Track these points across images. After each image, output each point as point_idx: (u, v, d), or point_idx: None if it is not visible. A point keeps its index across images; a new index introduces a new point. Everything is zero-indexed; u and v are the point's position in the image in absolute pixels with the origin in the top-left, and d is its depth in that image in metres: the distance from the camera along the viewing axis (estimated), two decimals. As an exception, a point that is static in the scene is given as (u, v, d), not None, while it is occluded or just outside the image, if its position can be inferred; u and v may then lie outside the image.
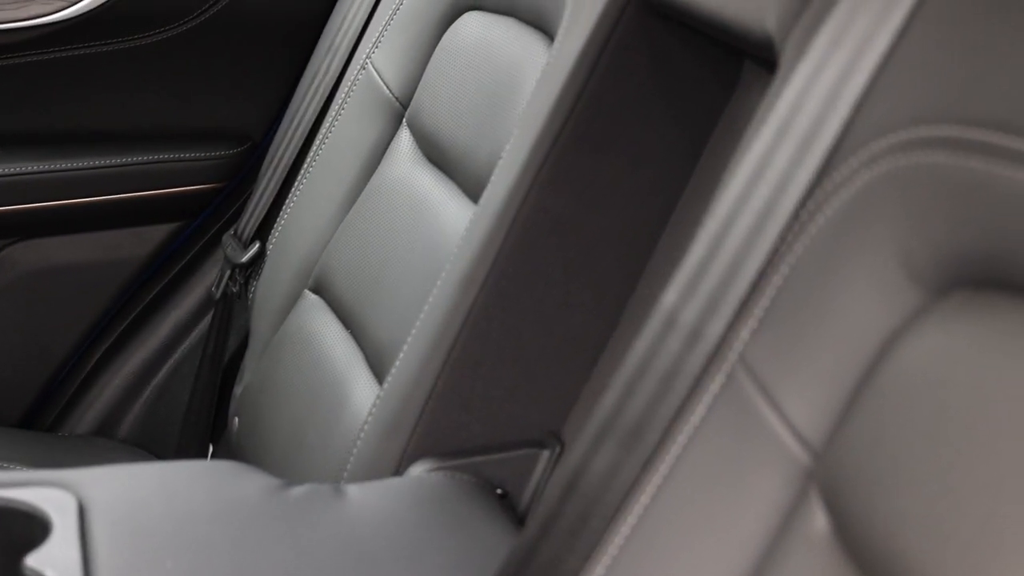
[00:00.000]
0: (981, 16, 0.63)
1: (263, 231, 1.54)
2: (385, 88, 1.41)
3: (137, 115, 1.63)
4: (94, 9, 1.53)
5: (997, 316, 0.58)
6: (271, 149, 1.56)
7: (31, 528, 0.82)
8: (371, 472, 1.08)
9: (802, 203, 0.69)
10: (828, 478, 0.63)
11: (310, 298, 1.39)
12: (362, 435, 1.11)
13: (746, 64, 1.00)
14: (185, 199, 1.65)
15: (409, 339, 1.10)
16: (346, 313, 1.31)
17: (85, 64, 1.57)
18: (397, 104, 1.39)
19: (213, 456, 1.57)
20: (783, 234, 0.69)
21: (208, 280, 1.66)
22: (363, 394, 1.18)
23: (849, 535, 0.60)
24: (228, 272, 1.54)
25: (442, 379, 1.04)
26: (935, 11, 0.66)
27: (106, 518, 0.84)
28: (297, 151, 1.52)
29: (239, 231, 1.56)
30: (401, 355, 1.10)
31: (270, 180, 1.54)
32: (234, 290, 1.53)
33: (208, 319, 1.63)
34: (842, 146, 0.68)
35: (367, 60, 1.46)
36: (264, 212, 1.54)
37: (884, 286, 0.64)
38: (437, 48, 1.35)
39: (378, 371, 1.18)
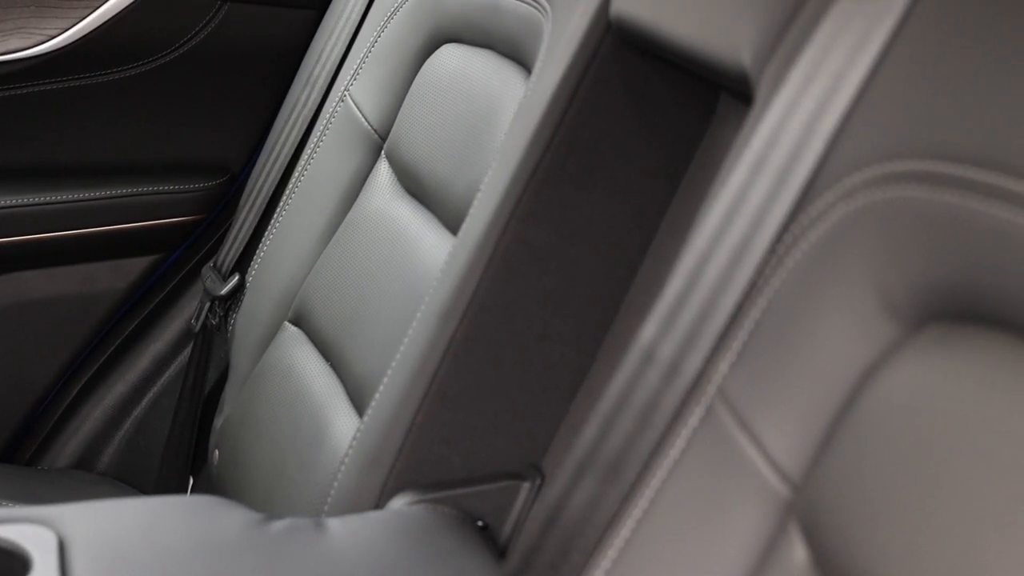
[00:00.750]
0: (954, 52, 0.64)
1: (242, 263, 1.54)
2: (363, 120, 1.41)
3: (115, 148, 1.63)
4: (72, 44, 1.53)
5: (973, 349, 0.59)
6: (250, 181, 1.57)
7: (11, 565, 0.82)
8: (352, 505, 1.07)
9: (778, 237, 0.69)
10: (807, 510, 0.63)
11: (290, 330, 1.39)
12: (343, 468, 1.11)
13: (722, 96, 1.01)
14: (164, 231, 1.65)
15: (389, 372, 1.10)
16: (326, 345, 1.31)
17: (63, 98, 1.57)
18: (376, 136, 1.40)
19: (193, 489, 1.57)
20: (760, 268, 0.70)
21: (187, 312, 1.66)
22: (343, 427, 1.18)
23: (829, 567, 0.61)
24: (208, 304, 1.54)
25: (422, 412, 1.04)
26: (908, 47, 0.67)
27: (86, 554, 0.83)
28: (276, 183, 1.52)
29: (218, 263, 1.56)
30: (381, 388, 1.10)
31: (249, 212, 1.54)
32: (214, 322, 1.53)
33: (188, 352, 1.62)
34: (818, 180, 0.68)
35: (345, 92, 1.46)
36: (243, 244, 1.54)
37: (861, 319, 0.64)
38: (415, 80, 1.35)
39: (358, 404, 1.18)
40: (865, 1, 0.70)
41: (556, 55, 1.06)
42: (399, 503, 1.03)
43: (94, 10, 1.53)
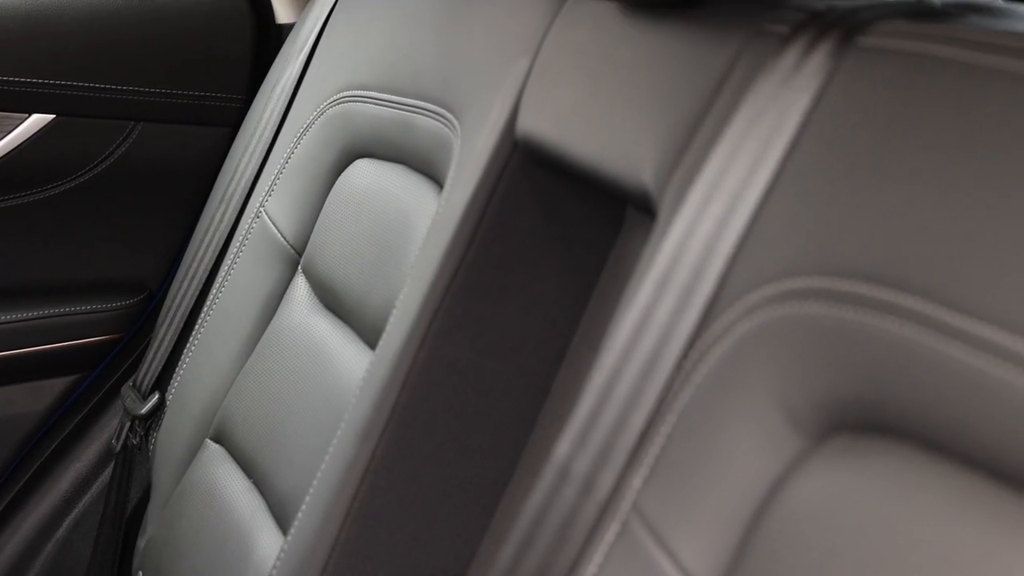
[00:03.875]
0: (843, 172, 0.66)
1: (162, 381, 1.53)
2: (279, 235, 1.42)
3: (31, 270, 1.62)
4: (-14, 168, 1.54)
5: (877, 460, 0.61)
6: (168, 298, 1.57)
7: None
8: (278, 625, 1.07)
9: (685, 354, 0.71)
10: (724, 623, 0.65)
11: (212, 448, 1.39)
12: (268, 587, 1.11)
13: (629, 209, 1.03)
14: (82, 352, 1.64)
15: (312, 489, 1.10)
16: (248, 463, 1.30)
17: (-23, 222, 1.57)
18: (292, 251, 1.40)
19: (118, 611, 1.55)
20: (668, 384, 0.71)
21: (108, 433, 1.65)
22: (268, 545, 1.18)
23: None
24: (128, 424, 1.53)
25: (345, 529, 1.05)
26: (801, 167, 0.69)
27: None
28: (194, 300, 1.52)
29: (138, 382, 1.56)
30: (304, 506, 1.10)
31: (168, 330, 1.54)
32: (134, 442, 1.52)
33: (109, 472, 1.61)
34: (720, 298, 0.70)
35: (261, 208, 1.47)
36: (162, 362, 1.53)
37: (767, 433, 0.66)
38: (329, 195, 1.36)
39: (282, 521, 1.18)
40: (758, 122, 0.73)
41: (466, 171, 1.08)
42: (325, 622, 1.03)
43: (6, 134, 1.53)
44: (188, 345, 1.50)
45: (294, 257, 1.40)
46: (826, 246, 0.65)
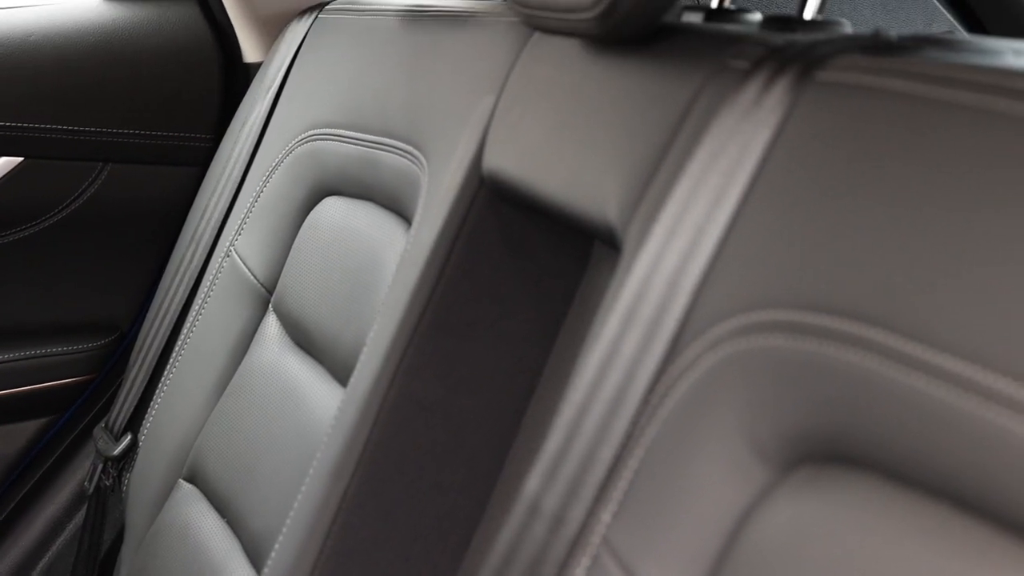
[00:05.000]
0: (804, 206, 0.67)
1: (134, 422, 1.53)
2: (249, 274, 1.43)
3: (1, 313, 1.62)
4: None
5: (842, 490, 0.61)
6: (139, 339, 1.56)
7: None
8: (253, 666, 1.07)
9: (651, 388, 0.71)
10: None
11: (185, 488, 1.39)
12: (242, 628, 1.10)
13: (596, 243, 1.04)
14: (53, 393, 1.64)
15: (285, 528, 1.10)
16: (221, 502, 1.30)
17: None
18: (262, 289, 1.41)
19: (92, 655, 1.54)
20: (635, 418, 0.72)
21: (80, 474, 1.64)
22: (241, 585, 1.18)
23: None
24: (100, 465, 1.52)
25: (319, 568, 1.04)
26: (762, 202, 0.70)
27: None
28: (165, 340, 1.52)
29: (110, 423, 1.55)
30: (277, 545, 1.10)
31: (139, 370, 1.54)
32: (107, 483, 1.52)
33: (82, 514, 1.60)
34: (685, 331, 0.71)
35: (231, 247, 1.47)
36: (135, 403, 1.53)
37: (734, 465, 0.66)
38: (299, 233, 1.37)
39: (256, 561, 1.18)
40: (720, 157, 0.73)
41: (433, 208, 1.08)
42: (300, 662, 1.03)
43: (-25, 178, 1.54)
44: (160, 385, 1.50)
45: (265, 295, 1.40)
46: (788, 279, 0.66)
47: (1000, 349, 0.54)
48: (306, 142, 1.38)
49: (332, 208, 1.33)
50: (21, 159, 1.55)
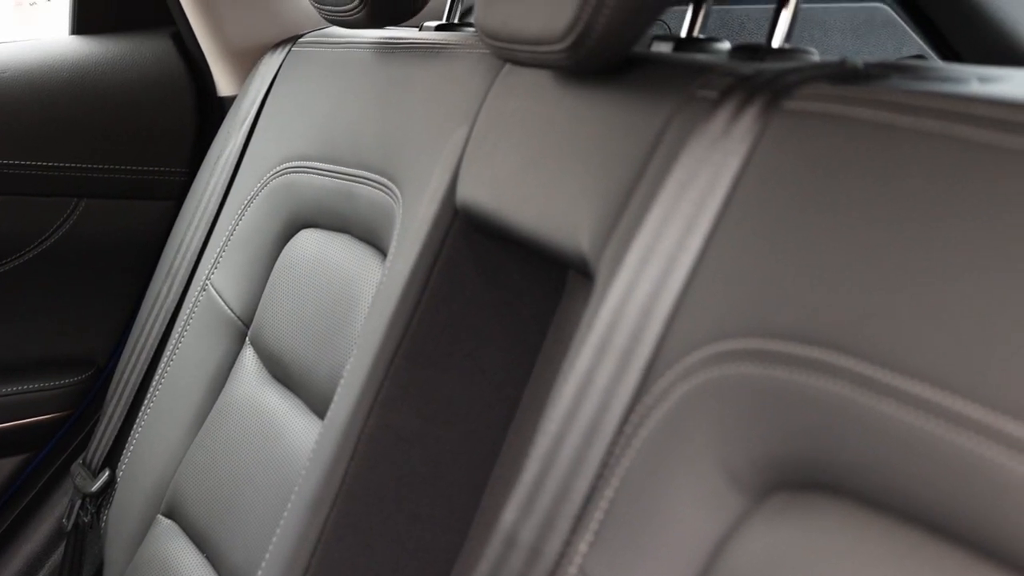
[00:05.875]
0: (773, 233, 0.67)
1: (112, 458, 1.52)
2: (226, 308, 1.43)
3: (-24, 351, 1.62)
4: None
5: (815, 516, 0.62)
6: (116, 374, 1.56)
7: None
8: None
9: (626, 417, 0.72)
10: None
11: (163, 523, 1.38)
12: (222, 663, 1.10)
13: (570, 272, 1.04)
14: (31, 430, 1.63)
15: (263, 563, 1.10)
16: (201, 537, 1.30)
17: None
18: (239, 323, 1.41)
19: None
20: (610, 448, 0.72)
21: (58, 511, 1.63)
22: (221, 620, 1.17)
23: None
24: (79, 502, 1.52)
25: (299, 601, 1.04)
26: (733, 230, 0.70)
27: None
28: (142, 375, 1.52)
29: (88, 459, 1.55)
30: (256, 579, 1.10)
31: (117, 406, 1.53)
32: (86, 520, 1.51)
33: (60, 552, 1.60)
34: (658, 361, 0.71)
35: (207, 281, 1.47)
36: (112, 438, 1.52)
37: (708, 493, 0.67)
38: (275, 266, 1.37)
39: (236, 596, 1.18)
40: (691, 186, 0.74)
41: (408, 239, 1.09)
42: None
43: (-51, 215, 1.53)
44: (138, 420, 1.49)
45: (241, 329, 1.40)
46: (759, 307, 0.66)
47: (967, 374, 0.54)
48: (281, 175, 1.38)
49: (308, 240, 1.33)
50: (-5, 196, 1.55)
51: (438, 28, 1.32)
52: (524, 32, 0.86)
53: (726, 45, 0.94)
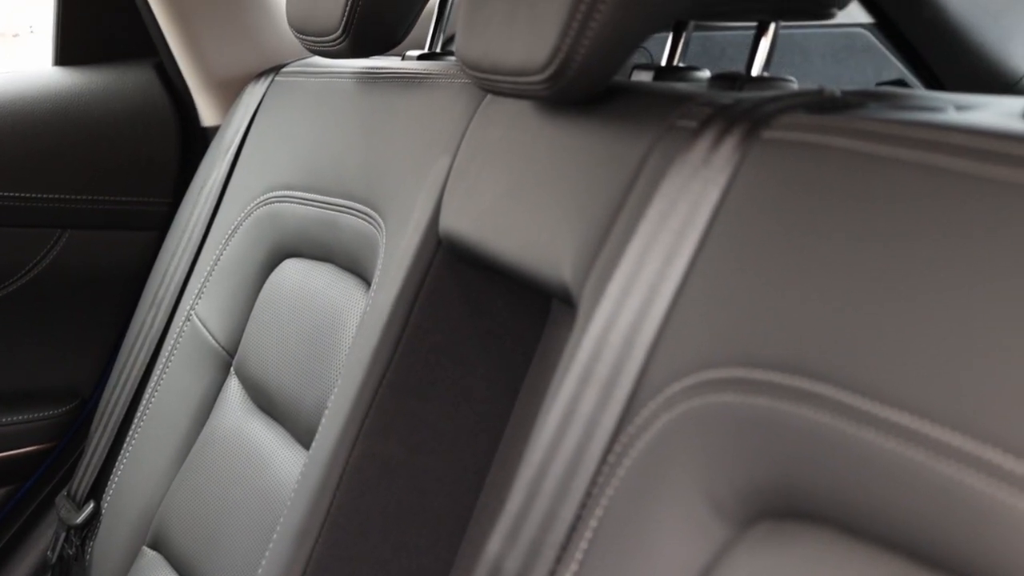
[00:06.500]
0: (753, 263, 0.68)
1: (97, 489, 1.52)
2: (210, 338, 1.42)
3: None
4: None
5: (799, 545, 0.62)
6: (100, 405, 1.56)
7: None
8: None
9: (609, 447, 0.72)
10: None
11: (149, 555, 1.38)
12: None
13: (554, 301, 1.04)
14: (15, 462, 1.62)
15: (249, 594, 1.10)
16: (186, 569, 1.29)
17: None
18: (224, 353, 1.40)
19: None
20: (594, 478, 0.72)
21: (43, 544, 1.63)
22: (207, 652, 1.17)
23: None
24: (63, 534, 1.51)
25: (285, 634, 1.04)
26: (713, 260, 0.71)
27: None
28: (127, 406, 1.51)
29: (72, 491, 1.54)
30: (243, 611, 1.10)
31: (101, 437, 1.53)
32: (70, 552, 1.50)
33: (45, 584, 1.59)
34: (641, 390, 0.71)
35: (191, 311, 1.47)
36: (97, 470, 1.52)
37: (692, 522, 0.67)
38: (259, 296, 1.37)
39: (221, 627, 1.18)
40: (671, 216, 0.74)
41: (392, 268, 1.09)
42: None
43: (-67, 247, 1.53)
44: (122, 451, 1.49)
45: (226, 359, 1.40)
46: (739, 337, 0.66)
47: (947, 403, 0.54)
48: (265, 204, 1.38)
49: (292, 270, 1.33)
50: (-22, 228, 1.55)
51: (420, 57, 1.32)
52: (505, 63, 0.87)
53: (706, 74, 0.94)
